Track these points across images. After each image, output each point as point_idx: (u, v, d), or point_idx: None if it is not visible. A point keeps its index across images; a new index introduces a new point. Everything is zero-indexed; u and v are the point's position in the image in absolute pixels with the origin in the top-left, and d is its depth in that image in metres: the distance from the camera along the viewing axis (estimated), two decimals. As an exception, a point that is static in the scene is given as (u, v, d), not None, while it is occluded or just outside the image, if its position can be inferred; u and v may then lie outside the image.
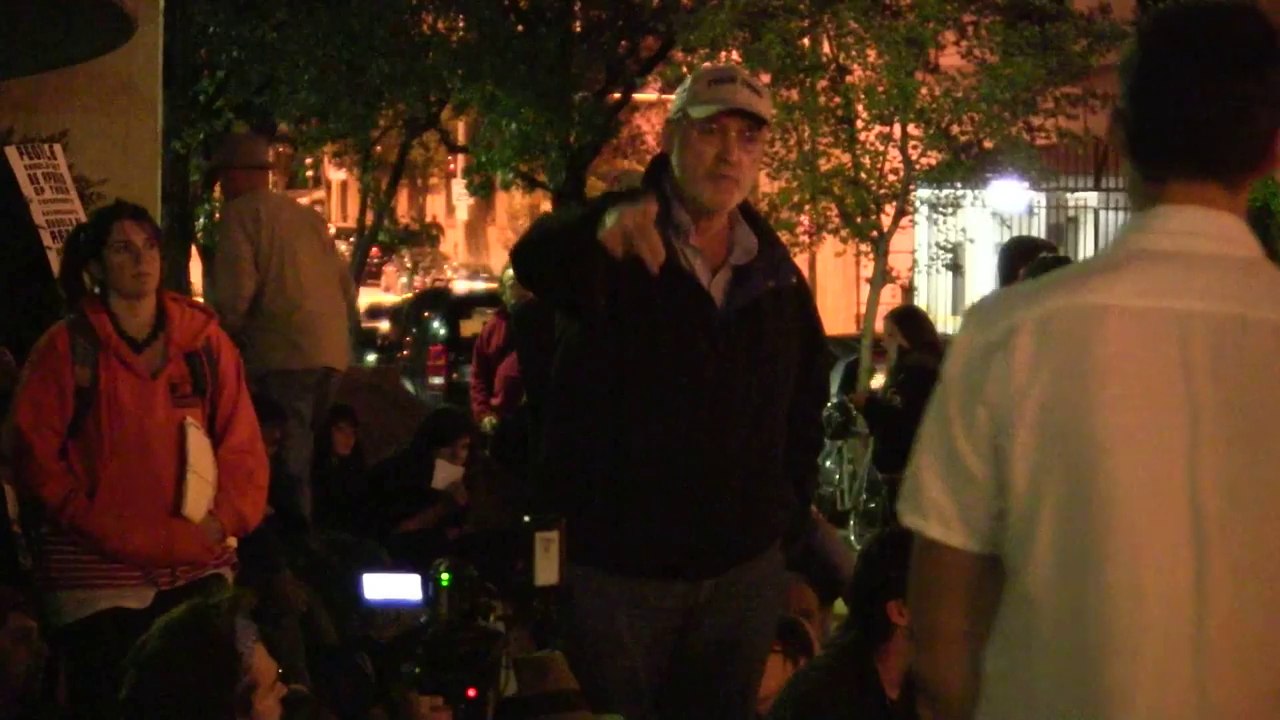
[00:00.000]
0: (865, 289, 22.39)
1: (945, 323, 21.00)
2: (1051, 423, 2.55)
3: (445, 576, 3.94)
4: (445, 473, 9.20)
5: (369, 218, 34.30)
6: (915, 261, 24.07)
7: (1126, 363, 2.53)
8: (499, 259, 52.21)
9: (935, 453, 2.68)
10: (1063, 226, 29.14)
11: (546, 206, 34.72)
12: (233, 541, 6.01)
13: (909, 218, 22.02)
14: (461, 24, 27.38)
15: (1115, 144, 2.73)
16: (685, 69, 21.56)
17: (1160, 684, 2.51)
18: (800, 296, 4.95)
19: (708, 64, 20.20)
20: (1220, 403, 2.52)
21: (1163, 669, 2.51)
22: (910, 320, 12.04)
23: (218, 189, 30.41)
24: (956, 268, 25.11)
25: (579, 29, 27.97)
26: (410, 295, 35.75)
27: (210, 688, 4.07)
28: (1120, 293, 2.57)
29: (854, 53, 20.74)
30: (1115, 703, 2.52)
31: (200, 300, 9.03)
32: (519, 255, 4.67)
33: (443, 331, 24.13)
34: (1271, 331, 2.54)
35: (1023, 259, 8.39)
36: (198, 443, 5.85)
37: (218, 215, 27.66)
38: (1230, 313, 2.55)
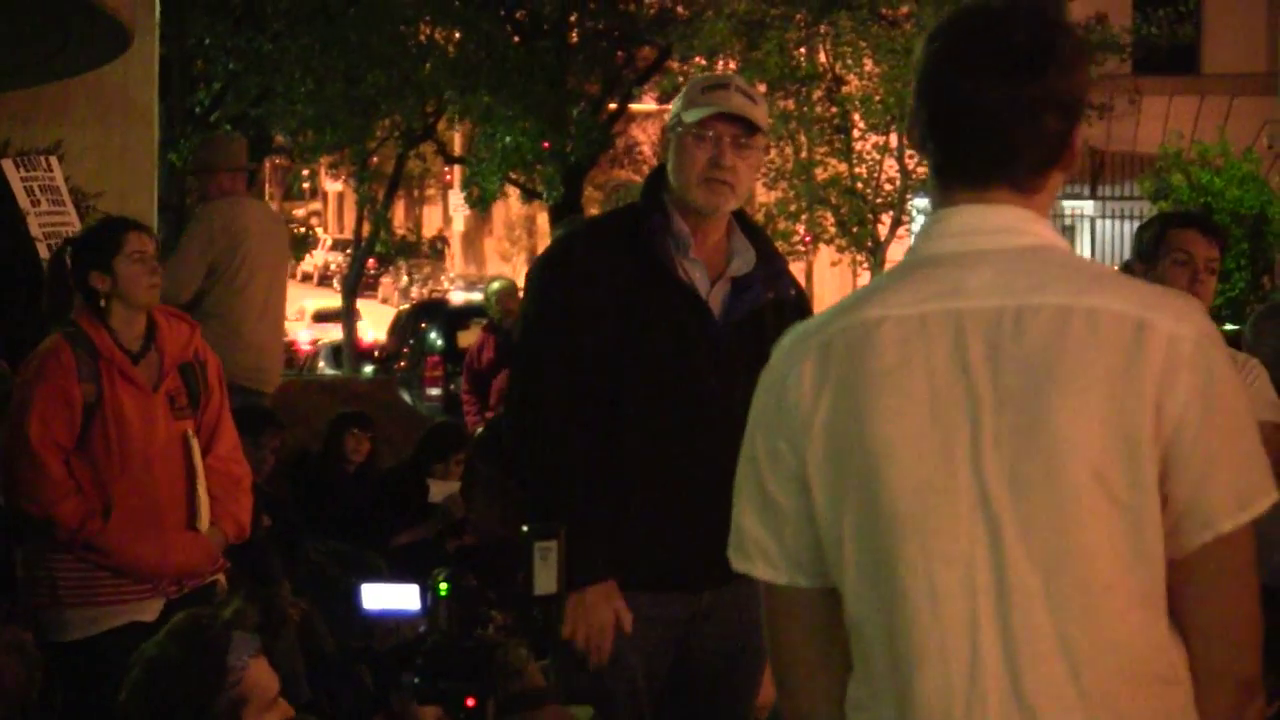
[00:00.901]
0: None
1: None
2: (837, 443, 2.53)
3: (444, 586, 3.94)
4: (440, 488, 9.21)
5: (365, 229, 34.31)
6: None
7: (901, 371, 2.50)
8: (496, 270, 52.24)
9: (749, 493, 2.67)
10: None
11: (543, 218, 34.75)
12: None
13: (905, 227, 22.07)
14: (458, 36, 27.42)
15: (913, 145, 2.69)
16: (682, 79, 21.59)
17: (974, 688, 2.46)
18: (801, 309, 4.95)
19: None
20: (999, 397, 2.47)
21: (975, 672, 2.46)
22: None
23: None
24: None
25: (576, 40, 28.01)
26: (407, 306, 35.73)
27: (191, 695, 4.06)
28: (896, 303, 2.54)
29: (850, 62, 20.80)
30: (935, 713, 2.48)
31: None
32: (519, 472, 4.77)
33: (440, 342, 24.07)
34: (1052, 315, 2.48)
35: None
36: (198, 455, 5.86)
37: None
38: (1005, 305, 2.50)
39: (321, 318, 48.00)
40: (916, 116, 2.63)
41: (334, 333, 45.20)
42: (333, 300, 52.16)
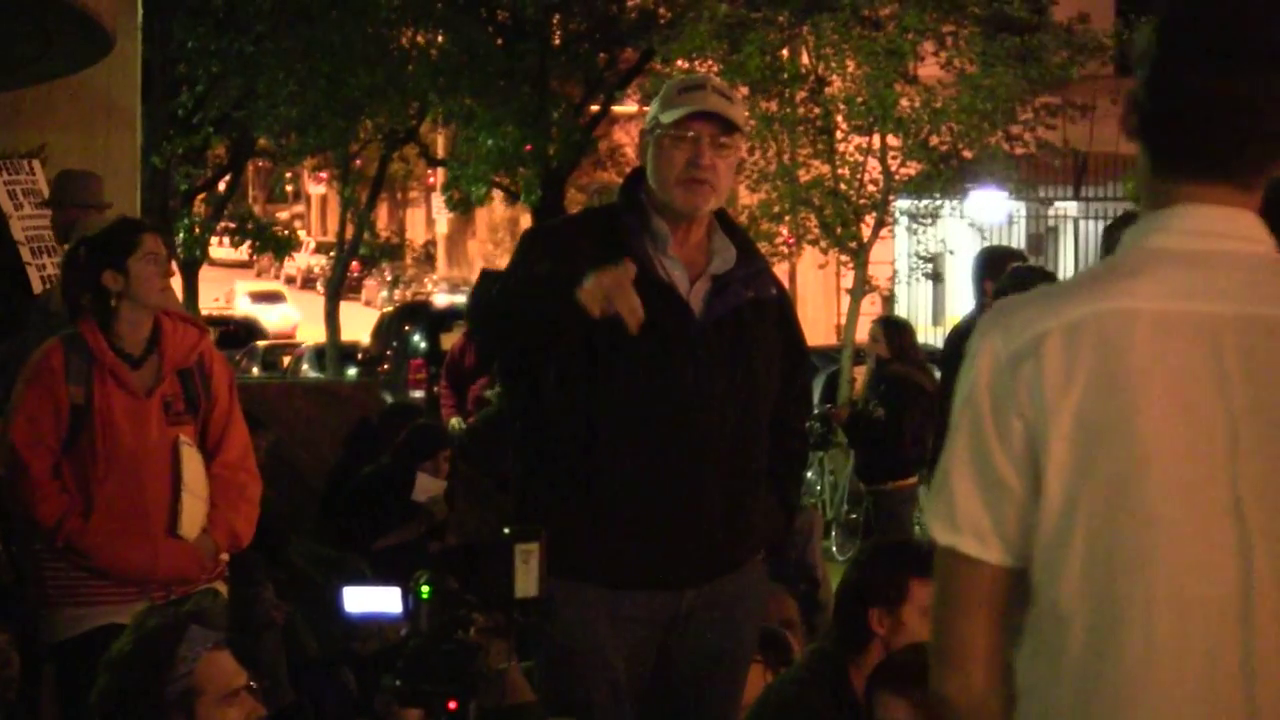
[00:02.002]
0: (845, 300, 22.44)
1: (925, 333, 21.04)
2: (1088, 433, 2.49)
3: (425, 589, 3.95)
4: (426, 486, 9.19)
5: (349, 232, 34.28)
6: (895, 272, 24.08)
7: (1162, 370, 2.48)
8: (479, 272, 52.16)
9: (969, 466, 2.58)
10: (1042, 236, 29.22)
11: (526, 220, 34.72)
12: (224, 556, 6.02)
13: (888, 228, 22.07)
14: (440, 38, 27.42)
15: (1128, 130, 2.66)
16: (664, 81, 21.55)
17: (1208, 696, 2.47)
18: (781, 308, 4.96)
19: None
20: (1255, 407, 2.47)
21: (1210, 681, 2.47)
22: (896, 329, 12.08)
23: (197, 203, 30.48)
24: (937, 276, 25.14)
25: (558, 42, 28.01)
26: (390, 309, 35.71)
27: (135, 683, 4.08)
28: (1147, 296, 2.51)
29: (833, 64, 20.80)
30: (1162, 715, 2.48)
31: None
32: (483, 335, 4.71)
33: (423, 345, 24.06)
34: None
35: (992, 269, 8.42)
36: (191, 461, 5.85)
37: (197, 230, 27.70)
38: (1259, 314, 2.50)
39: (256, 298, 49.04)
40: (1138, 105, 2.61)
41: (270, 314, 46.32)
42: (265, 284, 53.02)
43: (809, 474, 15.71)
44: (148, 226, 6.03)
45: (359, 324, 36.17)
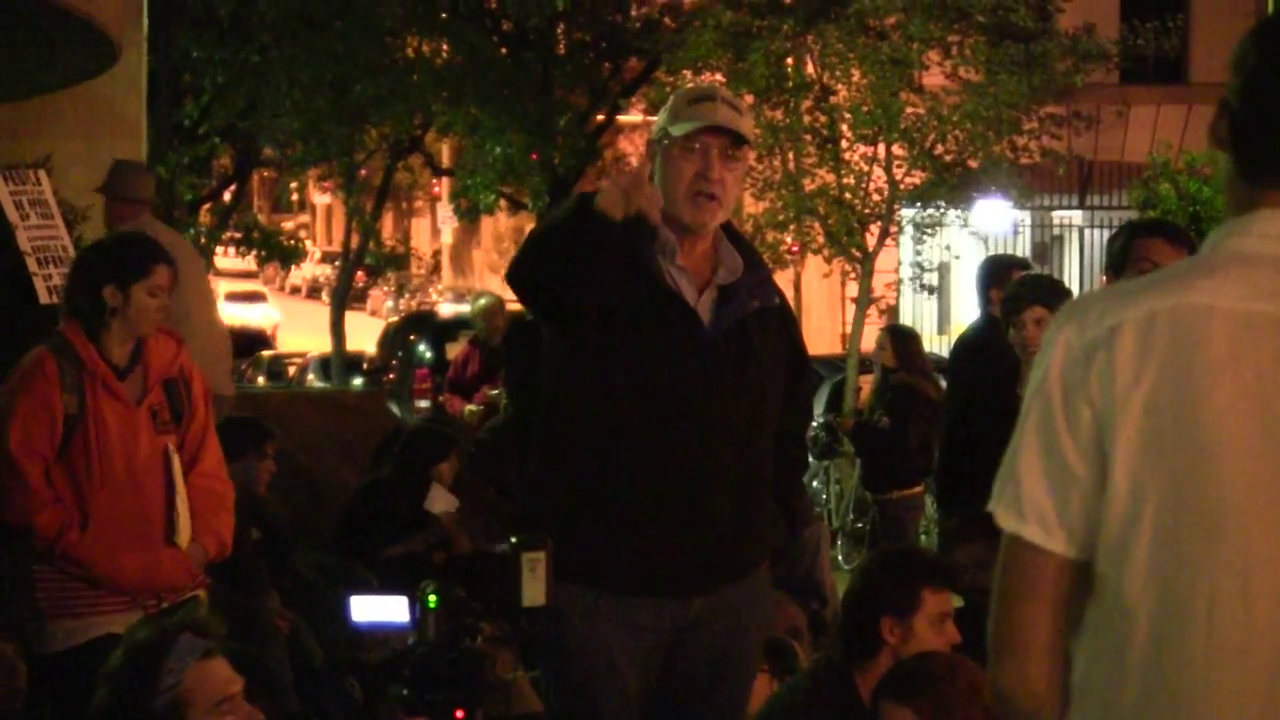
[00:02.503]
0: (850, 309, 22.44)
1: (930, 342, 21.03)
2: (1157, 424, 2.50)
3: (432, 598, 3.95)
4: (440, 497, 9.18)
5: (354, 241, 34.30)
6: (900, 281, 24.08)
7: (1234, 366, 2.49)
8: (484, 282, 52.22)
9: (1037, 453, 2.58)
10: (1047, 245, 29.24)
11: (531, 228, 34.77)
12: None
13: (893, 237, 22.07)
14: (445, 47, 27.45)
15: (1217, 135, 2.67)
16: (669, 90, 21.57)
17: (1272, 694, 2.47)
18: (784, 318, 4.97)
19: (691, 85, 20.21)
20: None
21: (1273, 678, 2.46)
22: (903, 339, 12.09)
23: (203, 213, 30.50)
24: (941, 286, 25.12)
25: (562, 51, 28.04)
26: (395, 319, 35.71)
27: (123, 697, 4.09)
28: (1222, 294, 2.52)
29: (838, 73, 20.80)
30: (1223, 710, 2.47)
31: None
32: (521, 260, 4.66)
33: (428, 354, 24.09)
34: None
35: (997, 278, 8.41)
36: (179, 470, 5.86)
37: (203, 240, 27.73)
38: None
39: (234, 298, 49.11)
40: (1230, 111, 2.63)
41: (249, 313, 46.33)
42: (245, 285, 53.15)
43: (815, 483, 15.70)
44: (163, 257, 5.96)
45: (364, 334, 36.19)
